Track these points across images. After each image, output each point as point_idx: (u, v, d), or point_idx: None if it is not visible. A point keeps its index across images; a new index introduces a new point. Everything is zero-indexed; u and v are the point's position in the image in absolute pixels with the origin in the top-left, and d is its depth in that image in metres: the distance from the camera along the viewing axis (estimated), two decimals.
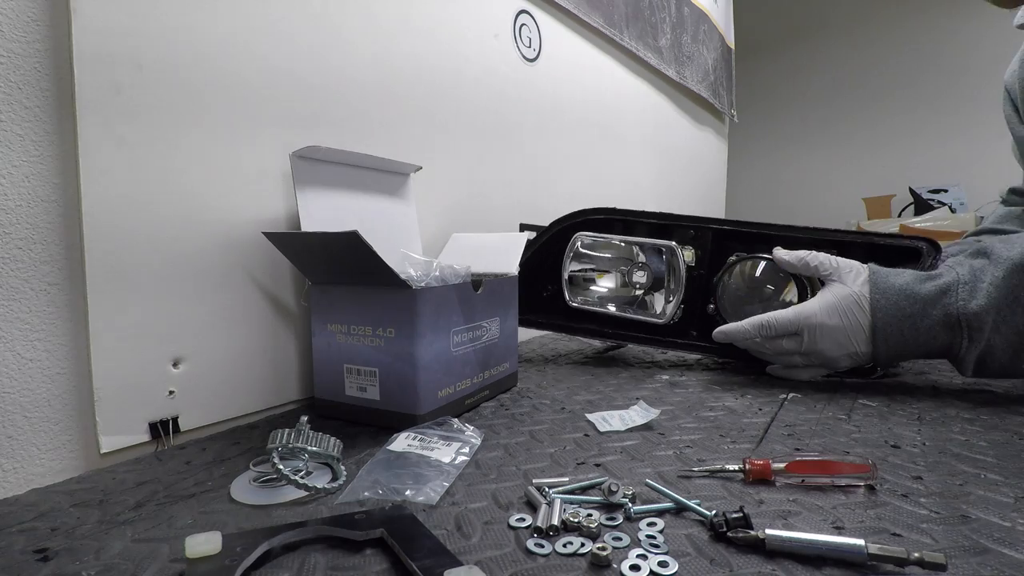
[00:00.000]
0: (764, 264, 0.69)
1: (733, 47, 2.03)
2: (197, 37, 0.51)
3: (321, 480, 0.39)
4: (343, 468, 0.41)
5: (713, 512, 0.33)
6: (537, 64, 1.03)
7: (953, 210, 2.55)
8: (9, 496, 0.39)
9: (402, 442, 0.45)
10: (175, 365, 0.50)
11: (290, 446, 0.38)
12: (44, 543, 0.32)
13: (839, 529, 0.32)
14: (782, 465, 0.38)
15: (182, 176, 0.50)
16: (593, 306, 0.79)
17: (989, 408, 0.56)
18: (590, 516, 0.33)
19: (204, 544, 0.29)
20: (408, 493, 0.37)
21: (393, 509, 0.34)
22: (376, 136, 0.70)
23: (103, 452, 0.46)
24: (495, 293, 0.61)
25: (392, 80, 0.72)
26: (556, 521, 0.32)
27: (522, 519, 0.34)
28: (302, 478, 0.37)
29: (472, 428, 0.49)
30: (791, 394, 0.61)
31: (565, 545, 0.31)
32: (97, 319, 0.45)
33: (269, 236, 0.51)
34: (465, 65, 0.85)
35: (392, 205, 0.68)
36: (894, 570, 0.28)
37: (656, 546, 0.31)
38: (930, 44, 3.00)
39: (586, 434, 0.50)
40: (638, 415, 0.52)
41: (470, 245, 0.73)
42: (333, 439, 0.40)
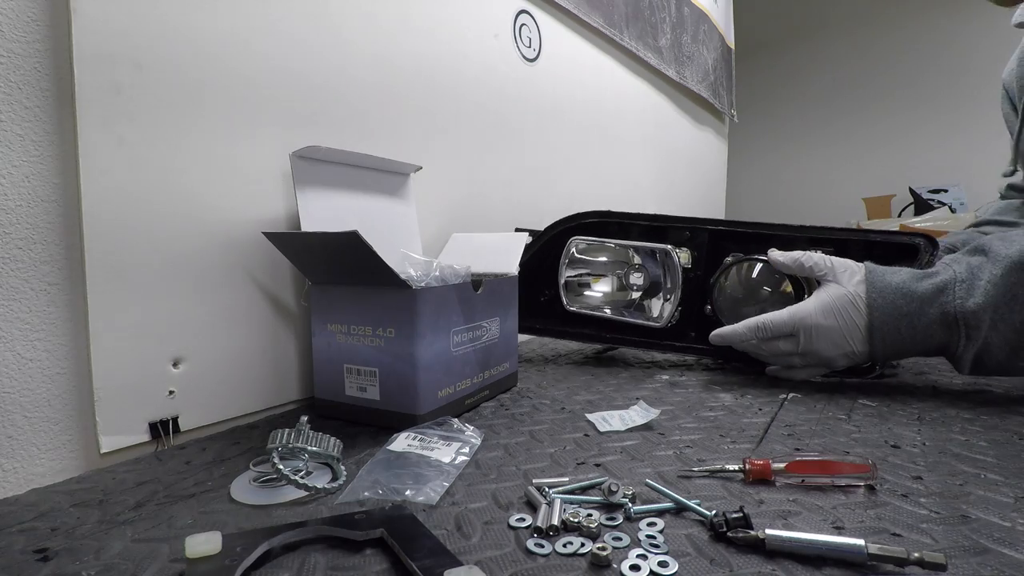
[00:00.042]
0: (760, 265, 0.69)
1: (733, 47, 2.03)
2: (197, 37, 0.51)
3: (321, 480, 0.39)
4: (343, 468, 0.41)
5: (713, 512, 0.33)
6: (537, 64, 1.03)
7: (953, 210, 2.55)
8: (9, 496, 0.39)
9: (402, 442, 0.45)
10: (175, 365, 0.50)
11: (290, 446, 0.38)
12: (44, 543, 0.32)
13: (839, 529, 0.32)
14: (782, 465, 0.38)
15: (182, 176, 0.50)
16: (591, 310, 0.79)
17: (989, 408, 0.56)
18: (590, 516, 0.33)
19: (204, 544, 0.29)
20: (408, 493, 0.37)
21: (393, 509, 0.34)
22: (376, 136, 0.70)
23: (103, 452, 0.46)
24: (495, 293, 0.61)
25: (392, 80, 0.72)
26: (556, 521, 0.32)
27: (522, 519, 0.34)
28: (302, 478, 0.37)
29: (472, 428, 0.49)
30: (791, 394, 0.61)
31: (565, 545, 0.31)
32: (97, 319, 0.45)
33: (269, 236, 0.51)
34: (465, 65, 0.85)
35: (392, 205, 0.68)
36: (894, 570, 0.28)
37: (656, 546, 0.31)
38: (930, 44, 3.00)
39: (586, 434, 0.50)
40: (638, 415, 0.52)
41: (470, 245, 0.73)
42: (333, 439, 0.40)
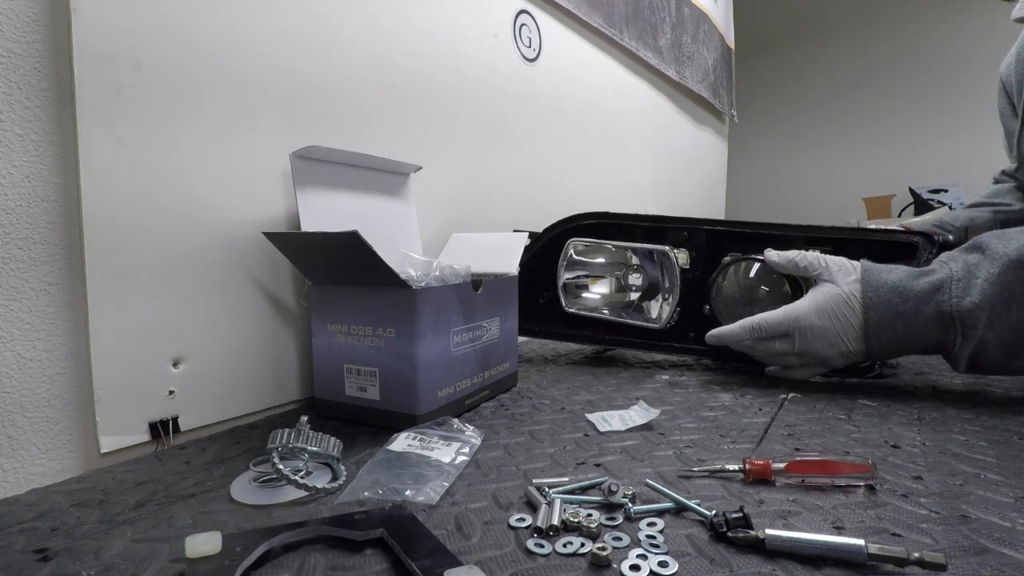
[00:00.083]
0: (758, 265, 0.69)
1: (733, 47, 2.03)
2: (197, 37, 0.51)
3: (321, 480, 0.39)
4: (343, 468, 0.41)
5: (713, 512, 0.33)
6: (537, 64, 1.03)
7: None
8: (9, 496, 0.39)
9: (402, 442, 0.45)
10: (175, 365, 0.50)
11: (290, 446, 0.38)
12: (44, 543, 0.32)
13: (839, 529, 0.32)
14: (782, 465, 0.38)
15: (182, 176, 0.50)
16: (589, 312, 0.79)
17: (989, 408, 0.56)
18: (590, 516, 0.33)
19: (204, 544, 0.29)
20: (408, 493, 0.37)
21: (393, 509, 0.34)
22: (376, 136, 0.70)
23: (103, 452, 0.46)
24: (495, 293, 0.61)
25: (392, 80, 0.72)
26: (556, 521, 0.32)
27: (522, 519, 0.34)
28: (302, 478, 0.37)
29: (472, 428, 0.49)
30: (791, 394, 0.61)
31: (565, 545, 0.31)
32: (97, 319, 0.45)
33: (269, 236, 0.51)
34: (465, 65, 0.85)
35: (392, 205, 0.68)
36: (894, 570, 0.28)
37: (656, 546, 0.31)
38: (930, 44, 3.00)
39: (586, 434, 0.50)
40: (638, 415, 0.52)
41: (470, 245, 0.73)
42: (333, 439, 0.40)
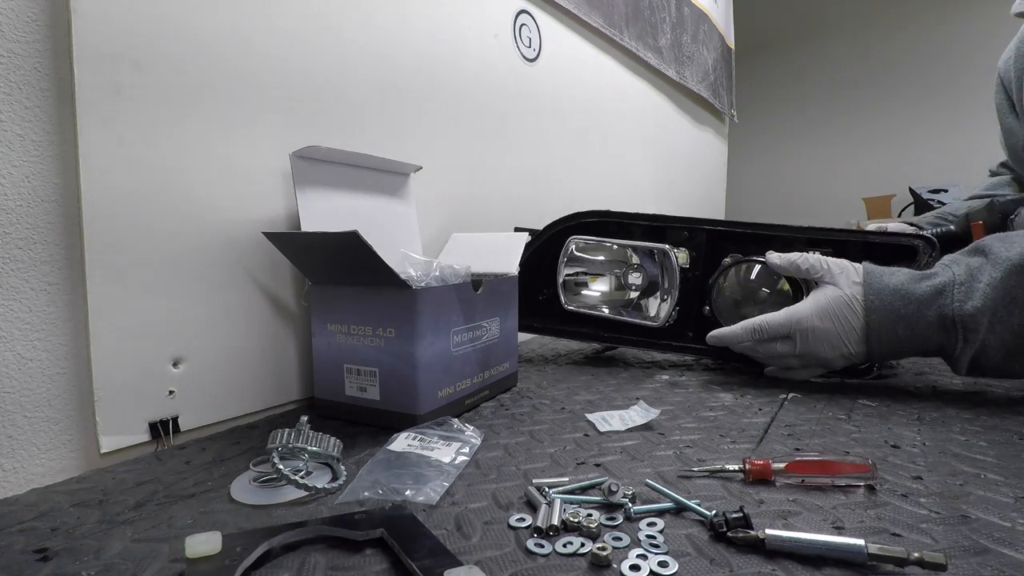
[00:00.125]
0: (759, 267, 0.69)
1: (733, 47, 2.03)
2: (197, 36, 0.51)
3: (321, 480, 0.39)
4: (343, 468, 0.41)
5: (713, 512, 0.33)
6: (537, 64, 1.03)
7: None
8: (9, 496, 0.39)
9: (402, 442, 0.45)
10: (175, 365, 0.50)
11: (290, 446, 0.38)
12: (44, 543, 0.32)
13: (839, 529, 0.32)
14: (782, 465, 0.38)
15: (182, 176, 0.50)
16: (589, 309, 0.79)
17: (989, 408, 0.56)
18: (590, 516, 0.33)
19: (204, 544, 0.29)
20: (408, 493, 0.37)
21: (393, 509, 0.34)
22: (376, 136, 0.70)
23: (103, 452, 0.46)
24: (495, 293, 0.61)
25: (392, 80, 0.72)
26: (556, 521, 0.32)
27: (522, 519, 0.34)
28: (302, 478, 0.37)
29: (472, 428, 0.49)
30: (791, 394, 0.61)
31: (565, 545, 0.31)
32: (97, 319, 0.45)
33: (269, 236, 0.51)
34: (465, 65, 0.85)
35: (392, 205, 0.68)
36: (894, 570, 0.28)
37: (656, 546, 0.31)
38: (930, 44, 3.00)
39: (586, 434, 0.50)
40: (638, 415, 0.52)
41: (470, 245, 0.73)
42: (333, 439, 0.40)
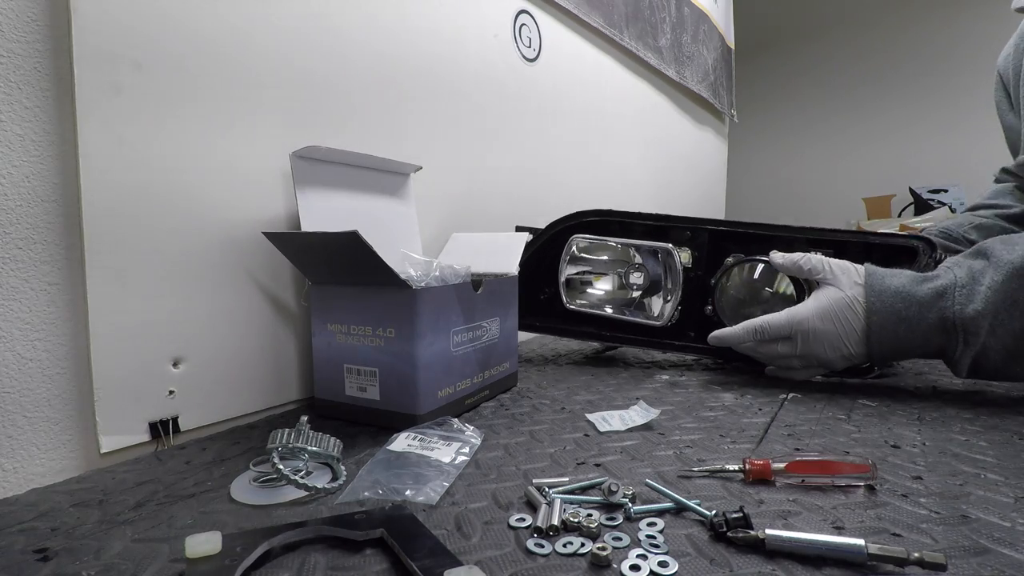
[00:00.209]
0: (761, 266, 0.69)
1: (733, 47, 2.03)
2: (197, 36, 0.51)
3: (321, 480, 0.39)
4: (343, 468, 0.41)
5: (713, 512, 0.33)
6: (537, 64, 1.03)
7: (953, 210, 2.55)
8: (9, 496, 0.39)
9: (402, 442, 0.45)
10: (175, 365, 0.50)
11: (290, 446, 0.38)
12: (44, 543, 0.32)
13: (839, 529, 0.32)
14: (782, 465, 0.38)
15: (182, 176, 0.50)
16: (591, 308, 0.79)
17: (989, 408, 0.56)
18: (590, 516, 0.33)
19: (204, 544, 0.29)
20: (408, 493, 0.37)
21: (393, 509, 0.34)
22: (376, 136, 0.70)
23: (103, 452, 0.46)
24: (495, 293, 0.61)
25: (392, 80, 0.72)
26: (556, 521, 0.32)
27: (522, 519, 0.34)
28: (302, 478, 0.37)
29: (472, 428, 0.49)
30: (791, 394, 0.61)
31: (565, 545, 0.31)
32: (97, 319, 0.45)
33: (269, 236, 0.51)
34: (465, 65, 0.85)
35: (392, 205, 0.68)
36: (894, 570, 0.28)
37: (656, 546, 0.31)
38: (930, 44, 3.00)
39: (586, 434, 0.50)
40: (638, 415, 0.52)
41: (470, 245, 0.73)
42: (333, 439, 0.40)
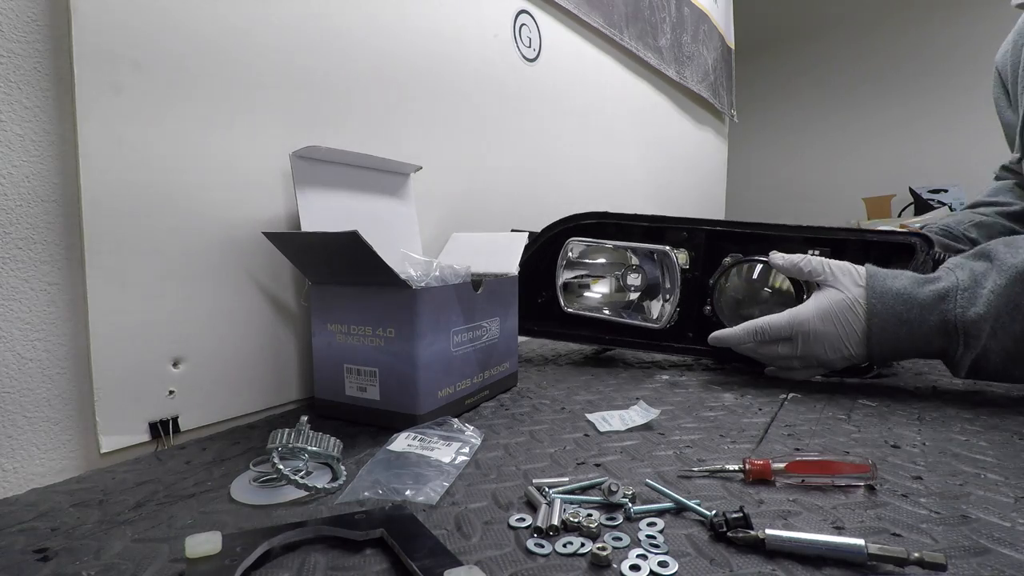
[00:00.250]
0: (760, 266, 0.69)
1: (733, 47, 2.03)
2: (197, 36, 0.51)
3: (321, 480, 0.39)
4: (343, 468, 0.41)
5: (713, 512, 0.33)
6: (537, 64, 1.03)
7: (953, 210, 2.55)
8: (9, 496, 0.39)
9: (402, 442, 0.45)
10: (175, 365, 0.50)
11: (290, 446, 0.38)
12: (44, 543, 0.32)
13: (839, 529, 0.32)
14: (782, 465, 0.38)
15: (182, 176, 0.50)
16: (588, 311, 0.79)
17: (989, 408, 0.56)
18: (590, 516, 0.33)
19: (204, 544, 0.29)
20: (408, 493, 0.37)
21: (393, 509, 0.34)
22: (376, 136, 0.70)
23: (103, 452, 0.46)
24: (495, 293, 0.61)
25: (393, 80, 0.72)
26: (556, 521, 0.32)
27: (522, 519, 0.34)
28: (302, 478, 0.37)
29: (472, 428, 0.49)
30: (791, 394, 0.61)
31: (565, 545, 0.31)
32: (97, 319, 0.45)
33: (269, 236, 0.51)
34: (465, 64, 0.85)
35: (392, 205, 0.68)
36: (894, 570, 0.28)
37: (656, 546, 0.31)
38: (930, 44, 3.00)
39: (586, 434, 0.50)
40: (638, 415, 0.52)
41: (470, 245, 0.73)
42: (333, 439, 0.40)
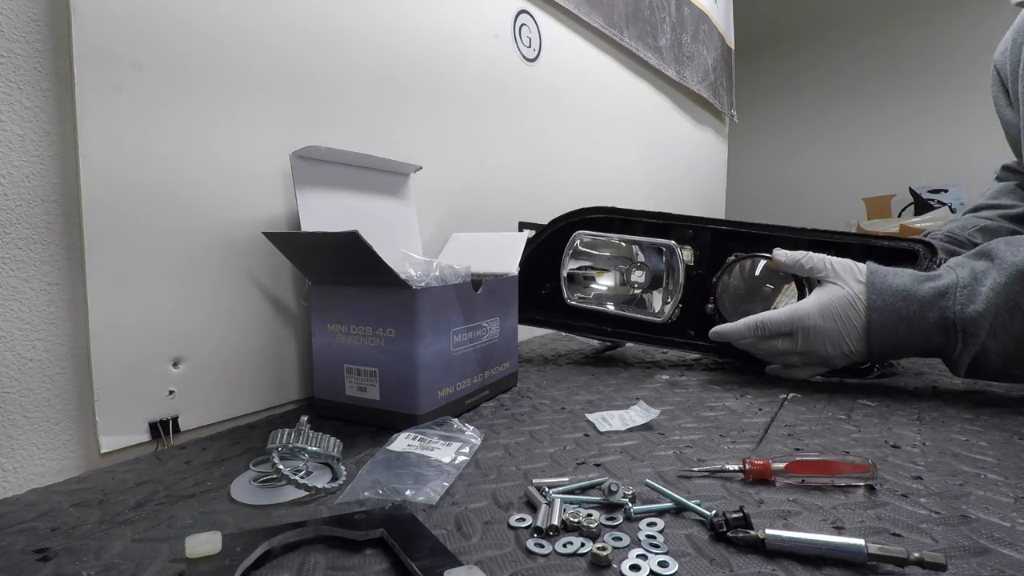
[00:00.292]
0: (763, 263, 0.70)
1: (733, 47, 2.03)
2: (197, 36, 0.51)
3: (321, 480, 0.39)
4: (343, 468, 0.41)
5: (713, 512, 0.33)
6: (537, 64, 1.03)
7: (953, 210, 2.55)
8: (9, 496, 0.39)
9: (402, 442, 0.45)
10: (175, 365, 0.50)
11: (290, 446, 0.38)
12: (44, 543, 0.32)
13: (839, 529, 0.32)
14: (782, 465, 0.38)
15: (182, 176, 0.50)
16: (591, 304, 0.79)
17: (989, 408, 0.56)
18: (590, 516, 0.33)
19: (204, 544, 0.29)
20: (408, 493, 0.37)
21: (393, 509, 0.34)
22: (376, 135, 0.70)
23: (103, 452, 0.46)
24: (495, 293, 0.61)
25: (393, 80, 0.72)
26: (556, 521, 0.32)
27: (522, 519, 0.34)
28: (302, 478, 0.37)
29: (472, 428, 0.49)
30: (791, 394, 0.61)
31: (565, 545, 0.31)
32: (97, 319, 0.45)
33: (269, 236, 0.51)
34: (466, 64, 0.85)
35: (392, 205, 0.68)
36: (894, 570, 0.28)
37: (656, 546, 0.31)
38: (931, 44, 3.00)
39: (586, 434, 0.50)
40: (638, 415, 0.52)
41: (470, 245, 0.73)
42: (333, 439, 0.40)
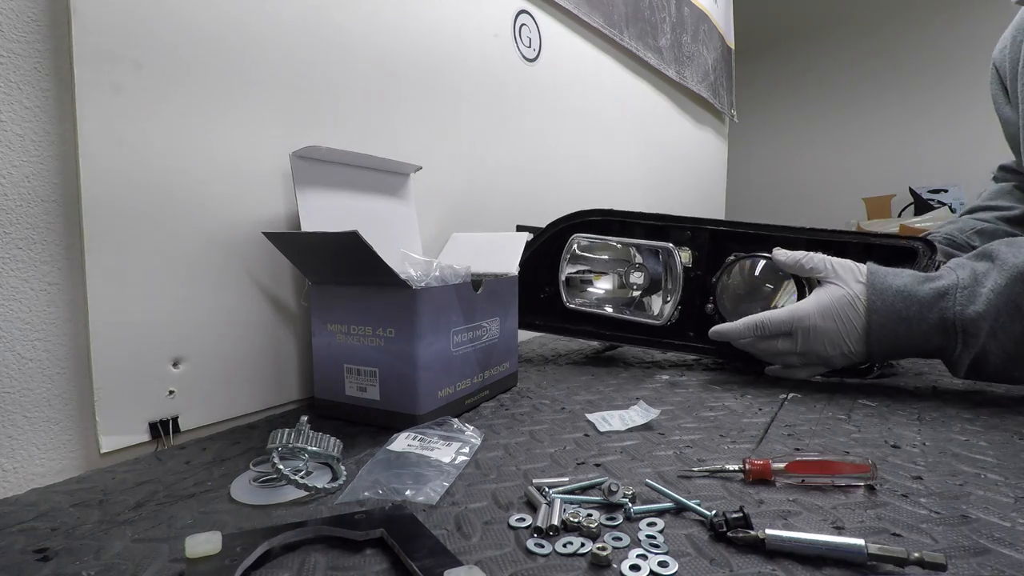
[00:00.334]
0: (763, 263, 0.70)
1: (733, 47, 2.03)
2: (198, 36, 0.51)
3: (321, 480, 0.39)
4: (343, 468, 0.41)
5: (713, 512, 0.33)
6: (537, 64, 1.03)
7: (953, 210, 2.55)
8: (9, 496, 0.39)
9: (402, 442, 0.45)
10: (175, 365, 0.50)
11: (290, 446, 0.38)
12: (44, 543, 0.32)
13: (839, 529, 0.32)
14: (782, 465, 0.38)
15: (182, 176, 0.50)
16: (590, 307, 0.79)
17: (989, 408, 0.56)
18: (590, 516, 0.33)
19: (204, 544, 0.29)
20: (408, 493, 0.37)
21: (393, 509, 0.34)
22: (376, 135, 0.70)
23: (103, 452, 0.46)
24: (495, 293, 0.61)
25: (393, 79, 0.72)
26: (556, 521, 0.32)
27: (522, 519, 0.34)
28: (302, 478, 0.37)
29: (472, 428, 0.49)
30: (791, 394, 0.61)
31: (565, 545, 0.31)
32: (97, 319, 0.45)
33: (269, 236, 0.51)
34: (465, 64, 0.85)
35: (392, 205, 0.68)
36: (894, 570, 0.28)
37: (656, 546, 0.31)
38: (931, 45, 3.00)
39: (586, 434, 0.50)
40: (638, 415, 0.52)
41: (470, 245, 0.73)
42: (333, 439, 0.40)
